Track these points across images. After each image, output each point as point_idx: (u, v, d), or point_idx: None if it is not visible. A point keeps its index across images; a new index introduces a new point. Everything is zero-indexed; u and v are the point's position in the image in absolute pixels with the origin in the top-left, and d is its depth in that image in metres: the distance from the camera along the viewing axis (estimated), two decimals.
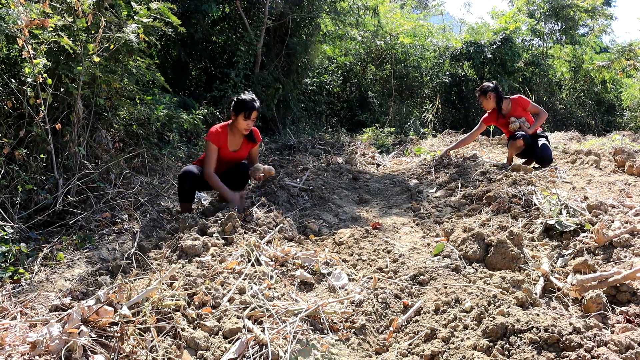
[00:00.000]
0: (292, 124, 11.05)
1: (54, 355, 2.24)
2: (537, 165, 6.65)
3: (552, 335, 2.44)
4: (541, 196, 4.44)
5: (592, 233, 3.61)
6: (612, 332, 2.65)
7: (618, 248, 3.42)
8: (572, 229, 3.79)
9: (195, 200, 5.63)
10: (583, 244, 3.57)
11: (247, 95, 4.87)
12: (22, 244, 3.93)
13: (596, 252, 3.46)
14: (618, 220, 3.79)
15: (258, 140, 5.18)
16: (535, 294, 3.06)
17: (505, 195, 4.65)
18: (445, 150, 7.38)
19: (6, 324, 2.85)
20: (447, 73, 13.75)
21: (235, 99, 4.89)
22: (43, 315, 3.08)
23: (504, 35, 12.97)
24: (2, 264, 3.77)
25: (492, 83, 6.94)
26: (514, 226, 3.89)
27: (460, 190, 5.43)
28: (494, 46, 12.87)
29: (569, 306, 3.03)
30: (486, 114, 7.08)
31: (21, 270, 3.71)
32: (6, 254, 3.85)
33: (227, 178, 5.03)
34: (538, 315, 2.65)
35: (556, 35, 15.44)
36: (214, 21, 9.87)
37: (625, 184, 5.11)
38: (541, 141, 6.70)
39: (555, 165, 6.45)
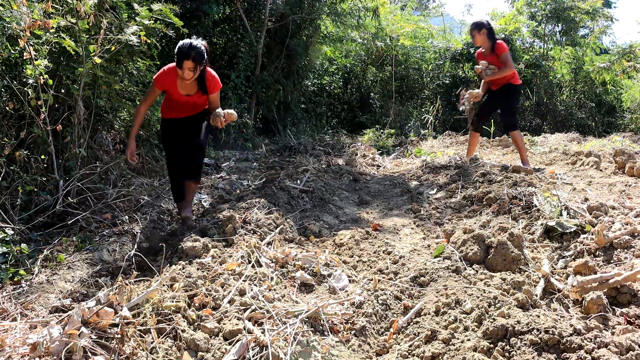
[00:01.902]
0: (293, 125, 11.05)
1: (54, 357, 2.25)
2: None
3: (553, 336, 2.44)
4: (542, 197, 4.44)
5: (592, 234, 3.61)
6: (613, 333, 2.65)
7: (618, 249, 3.42)
8: (572, 230, 3.79)
9: (195, 201, 5.63)
10: (583, 245, 3.57)
11: (185, 41, 4.24)
12: (23, 245, 3.93)
13: (597, 254, 3.46)
14: (618, 221, 3.79)
15: (211, 92, 4.60)
16: (536, 295, 3.06)
17: (505, 196, 4.65)
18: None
19: (6, 325, 2.85)
20: (448, 74, 13.76)
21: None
22: (43, 317, 3.08)
23: (503, 36, 12.96)
24: (3, 265, 3.77)
25: (486, 20, 6.96)
26: (515, 227, 3.89)
27: (461, 192, 5.43)
28: None
29: (569, 308, 3.02)
30: (479, 49, 7.04)
31: (21, 271, 3.71)
32: (6, 255, 3.85)
33: (188, 124, 4.72)
34: (538, 316, 2.65)
35: (556, 36, 15.43)
36: (215, 22, 9.88)
37: (626, 185, 5.11)
38: (507, 103, 6.85)
39: (538, 167, 6.45)
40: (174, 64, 4.33)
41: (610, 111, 14.78)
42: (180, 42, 4.22)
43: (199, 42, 4.27)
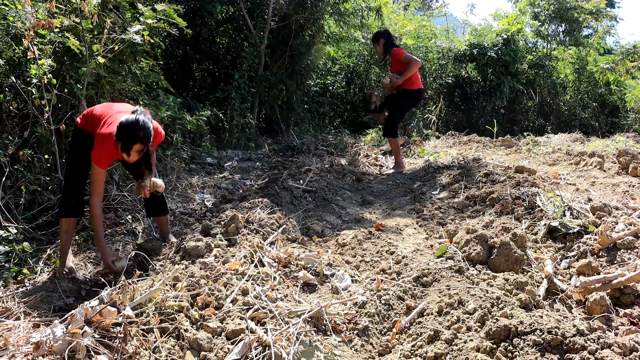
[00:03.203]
0: (296, 125, 11.05)
1: (58, 356, 2.25)
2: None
3: (556, 337, 2.44)
4: (545, 198, 4.44)
5: (596, 235, 3.60)
6: (616, 334, 2.64)
7: (622, 250, 3.41)
8: (575, 230, 3.78)
9: (199, 201, 5.64)
10: (587, 245, 3.56)
11: (133, 117, 3.52)
12: (26, 244, 3.95)
13: (600, 254, 3.45)
14: (622, 222, 3.78)
15: (153, 147, 3.99)
16: (539, 295, 3.05)
17: (508, 196, 4.65)
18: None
19: (10, 324, 2.86)
20: (451, 74, 13.74)
21: (119, 124, 3.50)
22: (47, 316, 3.09)
23: (506, 36, 12.95)
24: (6, 264, 3.78)
25: (385, 30, 7.52)
26: (518, 228, 3.88)
27: (464, 192, 5.42)
28: (497, 47, 12.86)
29: (572, 308, 3.02)
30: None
31: (25, 270, 3.72)
32: (10, 254, 3.86)
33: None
34: (541, 317, 2.64)
35: (560, 36, 15.41)
36: (218, 22, 9.88)
37: (630, 185, 5.10)
38: (396, 105, 7.25)
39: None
40: (108, 131, 3.58)
41: (613, 111, 14.75)
42: (123, 120, 3.49)
43: (144, 117, 3.58)
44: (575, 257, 3.53)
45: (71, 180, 3.91)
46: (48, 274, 3.78)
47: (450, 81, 13.56)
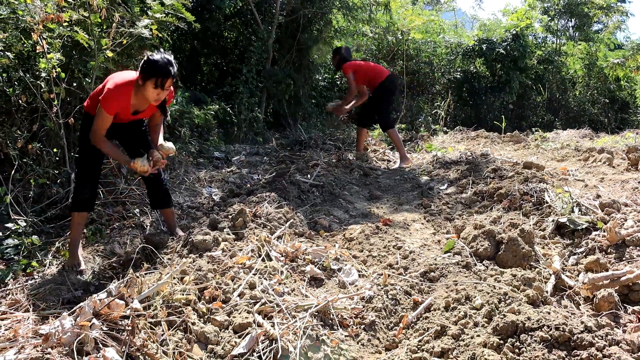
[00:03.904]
0: (303, 119, 11.03)
1: (66, 348, 2.27)
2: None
3: (563, 333, 2.43)
4: (553, 194, 4.42)
5: (604, 231, 3.58)
6: (624, 331, 2.64)
7: (631, 247, 3.40)
8: (584, 227, 3.76)
9: (206, 195, 5.65)
10: (595, 242, 3.54)
11: (160, 55, 3.56)
12: (35, 237, 3.97)
13: (608, 251, 3.44)
14: (631, 218, 3.76)
15: (168, 103, 4.02)
16: (546, 292, 3.05)
17: (516, 192, 4.63)
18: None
19: (19, 316, 2.89)
20: (459, 69, 13.68)
21: (145, 59, 3.56)
22: (55, 308, 3.11)
23: (515, 32, 12.88)
24: (15, 257, 3.81)
25: (344, 47, 7.73)
26: (525, 224, 3.87)
27: (472, 187, 5.40)
28: (506, 43, 12.79)
29: (580, 305, 3.01)
30: None
31: (34, 263, 3.74)
32: (19, 247, 3.89)
33: (124, 144, 4.19)
34: (549, 313, 2.64)
35: (569, 32, 15.32)
36: (226, 16, 9.87)
37: (639, 182, 5.07)
38: (376, 105, 7.45)
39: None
40: (123, 80, 3.64)
41: (623, 107, 14.66)
42: (155, 56, 3.54)
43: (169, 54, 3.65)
44: (584, 254, 3.51)
45: (85, 173, 3.89)
46: (57, 267, 3.81)
47: (458, 76, 13.51)
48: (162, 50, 3.66)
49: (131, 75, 3.70)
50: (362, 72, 7.35)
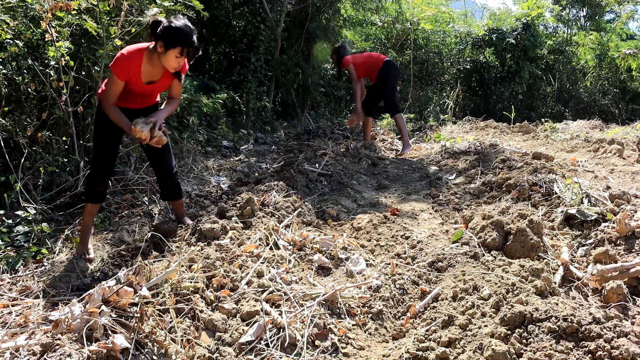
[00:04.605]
0: (312, 109, 11.02)
1: (76, 334, 2.29)
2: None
3: (571, 324, 2.42)
4: (562, 185, 4.39)
5: (613, 223, 3.56)
6: (633, 323, 2.62)
7: None
8: (593, 218, 3.74)
9: (214, 183, 5.66)
10: (604, 233, 3.52)
11: (181, 22, 3.44)
12: (44, 225, 4.00)
13: (618, 243, 3.42)
14: None
15: (184, 72, 3.85)
16: (555, 283, 3.03)
17: (525, 183, 4.61)
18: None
19: (30, 302, 2.91)
20: (469, 59, 13.59)
21: (165, 25, 3.41)
22: (65, 295, 3.14)
23: (526, 21, 12.76)
24: (25, 244, 3.84)
25: (341, 45, 7.95)
26: (534, 214, 3.85)
27: (480, 178, 5.38)
28: (516, 32, 12.68)
29: (588, 296, 3.00)
30: None
31: (43, 250, 3.77)
32: (29, 234, 3.91)
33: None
34: (557, 304, 2.63)
35: (581, 21, 15.17)
36: (235, 5, 9.85)
37: None
38: (381, 91, 7.58)
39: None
40: (134, 47, 3.55)
41: (634, 98, 14.51)
42: (177, 23, 3.43)
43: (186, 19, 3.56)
44: (593, 245, 3.49)
45: (100, 164, 3.82)
46: (66, 254, 3.83)
47: (467, 66, 13.42)
48: (180, 17, 3.53)
49: (142, 44, 3.63)
50: (360, 64, 7.44)
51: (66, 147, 4.82)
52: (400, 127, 7.58)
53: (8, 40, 4.29)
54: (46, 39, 4.30)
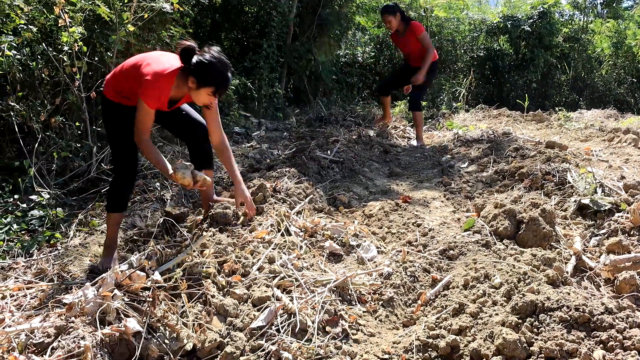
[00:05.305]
0: (324, 95, 10.98)
1: (89, 317, 2.31)
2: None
3: (583, 314, 2.41)
4: (576, 174, 4.35)
5: (627, 213, 3.53)
6: None
7: None
8: (607, 208, 3.71)
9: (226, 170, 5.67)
10: (618, 224, 3.49)
11: (216, 56, 3.15)
12: (58, 209, 4.03)
13: (631, 233, 3.39)
14: None
15: (212, 105, 3.55)
16: (567, 272, 3.02)
17: (538, 172, 4.57)
18: None
19: (44, 285, 2.95)
20: (482, 47, 13.45)
21: (199, 60, 3.11)
22: (79, 279, 3.17)
23: (542, 9, 12.59)
24: (40, 228, 3.88)
25: (394, 3, 7.26)
26: (547, 204, 3.82)
27: (493, 166, 5.35)
28: (531, 20, 12.52)
29: (600, 286, 2.98)
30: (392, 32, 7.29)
31: (57, 234, 3.81)
32: (43, 219, 3.96)
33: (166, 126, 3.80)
34: (569, 294, 2.62)
35: (597, 9, 14.93)
36: None
37: None
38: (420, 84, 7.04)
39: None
40: (163, 69, 3.15)
41: None
42: (217, 63, 3.14)
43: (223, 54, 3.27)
44: (606, 235, 3.47)
45: (122, 165, 3.47)
46: (80, 239, 3.87)
47: (481, 54, 13.29)
48: (214, 48, 3.22)
49: (168, 61, 3.24)
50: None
51: (79, 132, 4.85)
52: (417, 123, 7.41)
53: (22, 26, 4.31)
54: (59, 25, 4.31)
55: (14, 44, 4.27)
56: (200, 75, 3.13)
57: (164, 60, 3.25)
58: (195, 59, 3.12)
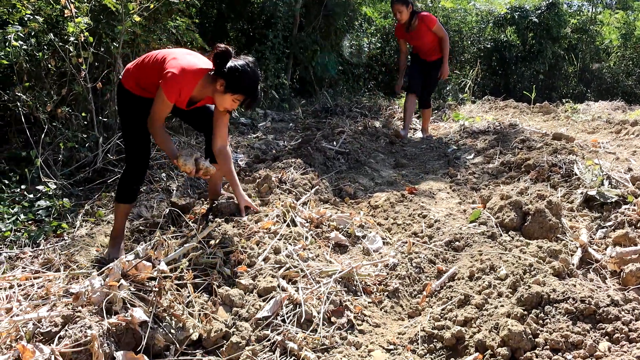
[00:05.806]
0: (330, 86, 10.96)
1: (96, 307, 2.32)
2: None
3: (589, 306, 2.41)
4: (582, 166, 4.33)
5: (634, 205, 3.51)
6: None
7: None
8: (613, 200, 3.69)
9: (232, 160, 5.67)
10: (625, 216, 3.48)
11: (250, 65, 3.16)
12: (65, 200, 4.05)
13: (638, 225, 3.37)
14: None
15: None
16: (573, 264, 3.01)
17: (545, 163, 4.55)
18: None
19: (51, 275, 2.96)
20: (489, 38, 13.38)
21: (233, 66, 3.11)
22: (85, 268, 3.19)
23: (551, 0, 12.50)
24: (46, 218, 3.89)
25: None
26: (553, 195, 3.80)
27: (499, 158, 5.33)
28: (539, 11, 12.43)
29: (606, 279, 2.97)
30: (396, 26, 7.11)
31: (64, 225, 3.83)
32: (50, 209, 3.97)
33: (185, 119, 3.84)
34: (575, 286, 2.61)
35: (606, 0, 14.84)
36: None
37: None
38: (432, 75, 7.03)
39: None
40: (191, 66, 3.13)
41: None
42: (246, 67, 3.14)
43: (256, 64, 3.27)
44: (612, 228, 3.45)
45: (135, 156, 3.47)
46: (86, 229, 3.88)
47: (488, 45, 13.22)
48: (250, 57, 3.23)
49: (196, 60, 3.24)
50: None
51: (85, 123, 4.86)
52: (425, 118, 7.36)
53: (28, 16, 4.31)
54: (66, 15, 4.31)
55: (21, 35, 4.27)
56: (231, 81, 3.12)
57: (191, 58, 3.24)
58: (230, 63, 3.12)
